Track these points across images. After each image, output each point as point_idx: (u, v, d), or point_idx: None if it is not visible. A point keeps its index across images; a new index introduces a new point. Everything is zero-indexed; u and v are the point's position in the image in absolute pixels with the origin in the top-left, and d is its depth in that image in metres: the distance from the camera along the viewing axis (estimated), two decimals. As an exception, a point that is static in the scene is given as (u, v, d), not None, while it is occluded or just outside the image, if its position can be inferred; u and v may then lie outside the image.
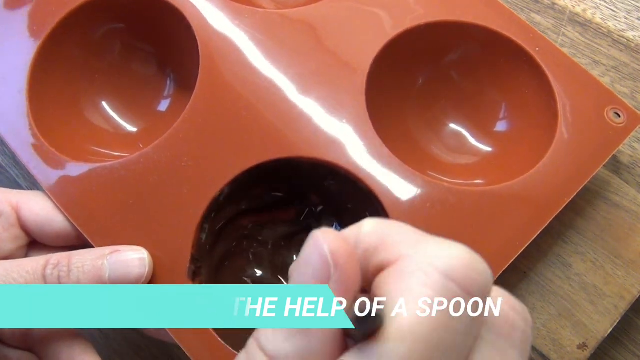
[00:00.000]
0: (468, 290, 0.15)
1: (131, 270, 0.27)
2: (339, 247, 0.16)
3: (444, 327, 0.15)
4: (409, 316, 0.15)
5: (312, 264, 0.16)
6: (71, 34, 0.34)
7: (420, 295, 0.15)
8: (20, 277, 0.26)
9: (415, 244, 0.16)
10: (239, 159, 0.30)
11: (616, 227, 0.33)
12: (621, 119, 0.32)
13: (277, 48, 0.33)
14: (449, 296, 0.15)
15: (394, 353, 0.14)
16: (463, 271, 0.15)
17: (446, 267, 0.15)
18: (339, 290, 0.16)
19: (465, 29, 0.34)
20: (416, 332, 0.14)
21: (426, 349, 0.14)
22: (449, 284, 0.15)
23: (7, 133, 0.32)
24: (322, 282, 0.16)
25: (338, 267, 0.16)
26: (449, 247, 0.16)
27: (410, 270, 0.15)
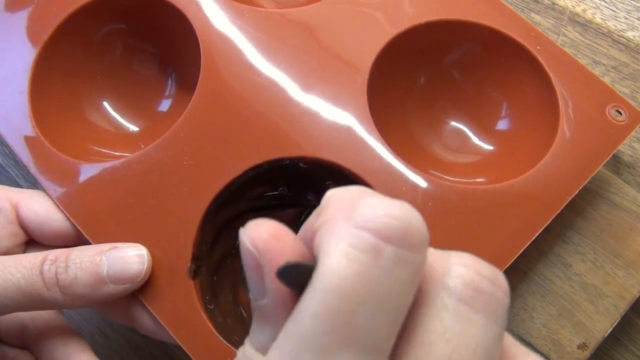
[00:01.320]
0: (384, 237, 0.14)
1: (129, 267, 0.27)
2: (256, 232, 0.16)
3: (357, 276, 0.14)
4: (320, 269, 0.14)
5: (243, 259, 0.16)
6: (72, 35, 0.35)
7: (333, 250, 0.14)
8: (17, 271, 0.26)
9: (342, 204, 0.16)
10: (239, 159, 0.30)
11: (616, 227, 0.33)
12: (623, 116, 0.32)
13: (278, 47, 0.33)
14: (361, 245, 0.14)
15: (309, 307, 0.14)
16: (376, 219, 0.14)
17: (359, 218, 0.15)
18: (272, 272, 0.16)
19: (466, 28, 0.34)
20: (328, 284, 0.14)
21: (340, 300, 0.14)
22: (360, 232, 0.14)
23: (8, 133, 0.32)
24: (256, 271, 0.16)
25: (260, 251, 0.16)
26: (370, 199, 0.15)
27: (328, 230, 0.15)
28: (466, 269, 0.16)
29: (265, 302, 0.16)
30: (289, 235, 0.16)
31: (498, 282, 0.16)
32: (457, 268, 0.16)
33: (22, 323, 0.29)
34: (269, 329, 0.16)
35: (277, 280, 0.15)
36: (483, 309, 0.15)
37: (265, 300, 0.16)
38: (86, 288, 0.26)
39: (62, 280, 0.26)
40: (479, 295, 0.16)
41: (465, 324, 0.15)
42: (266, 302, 0.16)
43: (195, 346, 0.27)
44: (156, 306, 0.28)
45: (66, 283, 0.26)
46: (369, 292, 0.14)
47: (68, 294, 0.26)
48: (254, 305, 0.17)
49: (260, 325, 0.17)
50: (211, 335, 0.27)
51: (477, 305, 0.15)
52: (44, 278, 0.26)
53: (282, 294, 0.16)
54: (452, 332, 0.15)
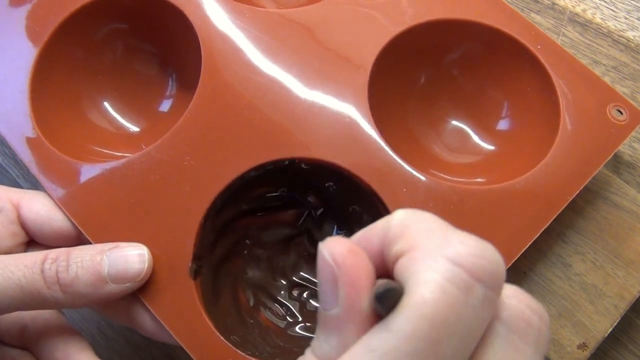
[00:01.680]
0: (476, 276, 0.15)
1: (130, 266, 0.27)
2: (335, 248, 0.17)
3: (450, 309, 0.15)
4: (415, 296, 0.15)
5: (320, 270, 0.17)
6: (73, 34, 0.34)
7: (428, 279, 0.15)
8: (18, 270, 0.26)
9: (430, 234, 0.17)
10: (240, 159, 0.30)
11: (616, 227, 0.33)
12: (623, 116, 0.32)
13: (279, 47, 0.33)
14: (456, 281, 0.15)
15: (401, 328, 0.15)
16: (470, 258, 0.16)
17: (454, 253, 0.16)
18: (347, 284, 0.17)
19: (466, 27, 0.34)
20: (422, 312, 0.15)
21: (431, 328, 0.15)
22: (456, 269, 0.15)
23: (9, 133, 0.32)
24: (331, 282, 0.17)
25: (339, 265, 0.17)
26: (460, 235, 0.16)
27: (420, 258, 0.16)
28: (517, 302, 0.17)
29: (335, 312, 0.17)
30: (363, 253, 0.17)
31: (544, 317, 0.17)
32: (510, 301, 0.17)
33: (22, 323, 0.29)
34: (335, 339, 0.17)
35: (349, 294, 0.17)
36: (531, 341, 0.17)
37: (335, 310, 0.17)
38: (87, 287, 0.26)
39: (63, 279, 0.26)
40: (528, 327, 0.17)
41: (515, 352, 0.16)
42: (336, 312, 0.17)
43: (196, 346, 0.27)
44: (156, 306, 0.28)
45: (67, 282, 0.26)
46: (458, 325, 0.15)
47: (69, 293, 0.26)
48: (322, 315, 0.18)
49: (326, 335, 0.17)
50: (212, 335, 0.27)
51: (526, 336, 0.17)
52: (44, 277, 0.26)
53: (354, 306, 0.17)
54: (503, 357, 0.16)
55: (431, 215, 0.18)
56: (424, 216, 0.18)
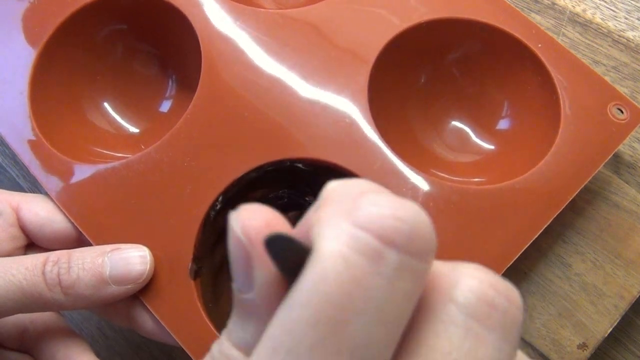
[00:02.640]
0: (387, 241, 0.13)
1: (132, 267, 0.27)
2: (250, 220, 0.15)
3: (355, 282, 0.13)
4: (314, 271, 0.13)
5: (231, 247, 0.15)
6: (73, 35, 0.34)
7: (329, 249, 0.13)
8: (18, 272, 0.26)
9: (344, 198, 0.14)
10: (240, 160, 0.30)
11: (616, 227, 0.33)
12: (624, 115, 0.32)
13: (279, 48, 0.33)
14: (362, 248, 0.13)
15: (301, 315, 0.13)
16: (380, 220, 0.13)
17: (361, 217, 0.13)
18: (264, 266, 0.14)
19: (467, 26, 0.34)
20: (322, 290, 0.13)
21: (334, 309, 0.13)
22: (361, 234, 0.13)
23: (9, 134, 0.32)
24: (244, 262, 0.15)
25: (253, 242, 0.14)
26: (376, 197, 0.14)
27: (325, 225, 0.13)
28: (478, 282, 0.14)
29: (250, 296, 0.15)
30: (284, 226, 0.15)
31: (512, 297, 0.15)
32: (469, 280, 0.14)
33: (22, 326, 0.29)
34: (252, 326, 0.15)
35: (266, 274, 0.14)
36: (496, 327, 0.14)
37: (250, 295, 0.15)
38: (88, 289, 0.26)
39: (65, 281, 0.26)
40: (493, 311, 0.14)
41: (476, 343, 0.14)
42: (252, 297, 0.15)
43: (196, 347, 0.27)
44: (157, 306, 0.28)
45: (68, 284, 0.26)
46: (367, 301, 0.13)
47: (70, 295, 0.26)
48: (237, 298, 0.15)
49: (242, 320, 0.15)
50: (212, 336, 0.27)
51: (489, 322, 0.14)
52: (45, 279, 0.26)
53: (271, 289, 0.14)
54: (460, 350, 0.14)
55: (361, 181, 0.15)
56: (350, 183, 0.15)
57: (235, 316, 0.16)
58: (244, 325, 0.15)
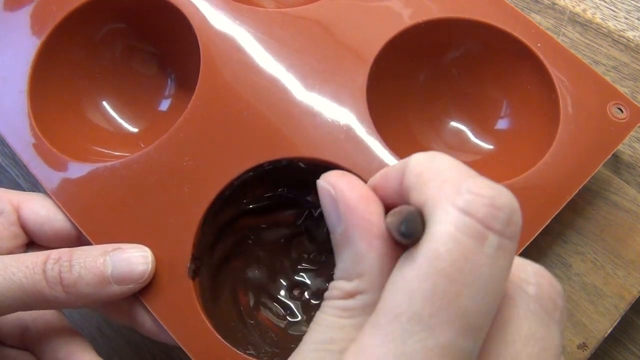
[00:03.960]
0: (488, 225, 0.15)
1: (134, 267, 0.27)
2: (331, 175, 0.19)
3: (465, 259, 0.15)
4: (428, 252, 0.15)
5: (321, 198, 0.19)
6: (72, 34, 0.34)
7: (440, 232, 0.15)
8: (19, 271, 0.26)
9: (443, 183, 0.16)
10: (239, 159, 0.30)
11: (616, 227, 0.33)
12: (624, 114, 0.32)
13: (278, 47, 0.33)
14: (468, 231, 0.15)
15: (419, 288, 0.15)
16: (481, 207, 0.15)
17: (465, 203, 0.15)
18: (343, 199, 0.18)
19: (466, 26, 0.34)
20: (438, 266, 0.15)
21: (449, 282, 0.15)
22: (467, 219, 0.15)
23: (8, 133, 0.32)
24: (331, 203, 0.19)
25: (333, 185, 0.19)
26: (473, 183, 0.16)
27: (432, 210, 0.16)
28: (545, 281, 0.18)
29: (340, 229, 0.18)
30: (355, 177, 0.19)
31: (564, 297, 0.18)
32: (540, 279, 0.18)
33: (23, 324, 0.29)
34: (345, 253, 0.18)
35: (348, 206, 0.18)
36: (557, 321, 0.17)
37: (340, 228, 0.18)
38: (90, 288, 0.26)
39: (66, 279, 0.26)
40: (556, 308, 0.18)
41: (548, 330, 0.17)
42: (341, 229, 0.18)
43: (195, 346, 0.27)
44: (156, 306, 0.28)
45: (70, 282, 0.26)
46: (475, 275, 0.15)
47: (71, 293, 0.26)
48: (333, 239, 0.19)
49: (340, 254, 0.19)
50: (211, 336, 0.27)
51: (554, 315, 0.17)
52: (46, 277, 0.26)
53: (354, 214, 0.18)
54: (539, 335, 0.17)
55: (449, 160, 0.18)
56: (440, 162, 0.17)
57: (336, 255, 0.19)
58: (341, 258, 0.19)
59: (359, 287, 0.18)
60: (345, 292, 0.18)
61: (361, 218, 0.18)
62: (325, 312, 0.18)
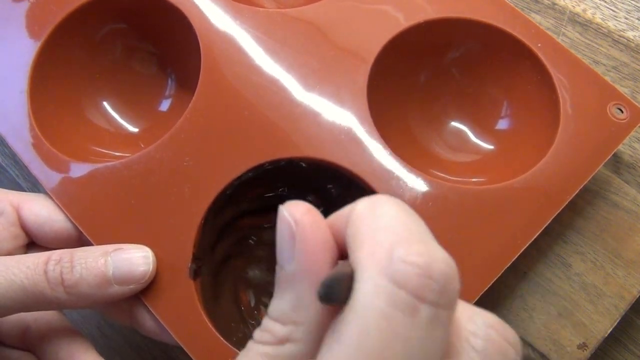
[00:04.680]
0: (421, 297, 0.15)
1: (135, 268, 0.27)
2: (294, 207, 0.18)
3: (395, 336, 0.14)
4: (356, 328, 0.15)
5: (279, 229, 0.18)
6: (72, 34, 0.34)
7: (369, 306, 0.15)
8: (20, 272, 0.26)
9: (374, 246, 0.16)
10: (240, 159, 0.30)
11: (616, 227, 0.33)
12: (624, 114, 0.32)
13: (279, 47, 0.33)
14: (399, 304, 0.14)
15: None
16: (414, 278, 0.15)
17: (396, 273, 0.15)
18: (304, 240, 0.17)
19: (466, 26, 0.34)
20: (366, 345, 0.14)
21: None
22: (398, 291, 0.15)
23: (8, 133, 0.32)
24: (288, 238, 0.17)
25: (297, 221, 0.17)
26: (406, 247, 0.15)
27: (363, 275, 0.15)
28: (496, 334, 0.17)
29: (291, 267, 0.17)
30: (320, 216, 0.18)
31: (519, 349, 0.17)
32: (488, 331, 0.17)
33: (24, 324, 0.29)
34: (289, 294, 0.17)
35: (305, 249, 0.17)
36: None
37: (291, 266, 0.17)
38: (91, 288, 0.26)
39: (68, 280, 0.26)
40: None
41: None
42: (292, 268, 0.17)
43: (196, 346, 0.27)
44: (156, 306, 0.28)
45: (71, 283, 0.26)
46: (407, 351, 0.14)
47: (72, 294, 0.26)
48: (279, 274, 0.18)
49: (282, 292, 0.18)
50: (212, 336, 0.27)
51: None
52: (48, 278, 0.26)
53: (309, 261, 0.17)
54: None
55: (392, 213, 0.17)
56: (380, 218, 0.17)
57: (275, 294, 0.18)
58: (282, 296, 0.18)
59: (292, 335, 0.17)
60: (277, 337, 0.17)
61: (315, 266, 0.17)
62: (249, 356, 0.18)
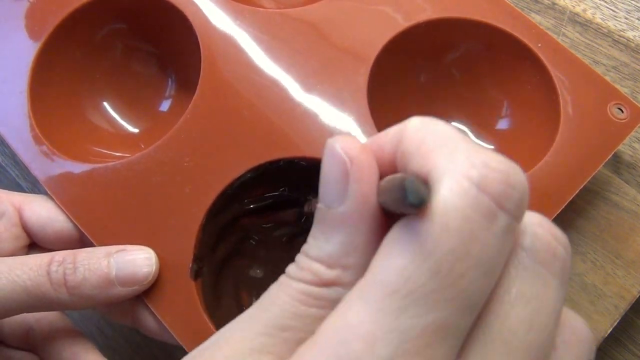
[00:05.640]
0: (501, 204, 0.14)
1: (139, 269, 0.27)
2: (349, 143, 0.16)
3: (474, 239, 0.14)
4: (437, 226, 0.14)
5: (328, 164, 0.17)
6: (72, 34, 0.34)
7: (451, 206, 0.14)
8: (23, 273, 0.26)
9: (451, 151, 0.15)
10: (240, 159, 0.30)
11: (616, 227, 0.33)
12: (624, 114, 0.32)
13: (279, 47, 0.33)
14: (481, 209, 0.14)
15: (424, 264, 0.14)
16: (496, 184, 0.14)
17: (479, 178, 0.14)
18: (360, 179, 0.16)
19: (466, 26, 0.34)
20: (446, 243, 0.14)
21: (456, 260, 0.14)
22: (481, 195, 0.14)
23: (8, 133, 0.32)
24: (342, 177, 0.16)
25: (352, 158, 0.16)
26: (484, 155, 0.15)
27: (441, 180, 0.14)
28: (543, 231, 0.16)
29: (342, 208, 0.16)
30: (372, 153, 0.17)
31: (568, 248, 0.16)
32: (536, 229, 0.16)
33: (27, 325, 0.29)
34: (339, 237, 0.16)
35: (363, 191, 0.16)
36: (557, 273, 0.16)
37: (343, 207, 0.16)
38: (94, 290, 0.26)
39: (71, 282, 0.26)
40: (555, 259, 0.16)
41: (543, 286, 0.16)
42: (344, 209, 0.16)
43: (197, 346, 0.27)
44: (158, 306, 0.28)
45: (74, 284, 0.26)
46: (482, 256, 0.14)
47: (75, 295, 0.26)
48: (325, 214, 0.17)
49: (328, 234, 0.17)
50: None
51: (553, 268, 0.16)
52: (50, 279, 0.26)
53: (365, 202, 0.16)
54: (532, 292, 0.15)
55: (448, 127, 0.16)
56: (441, 128, 0.16)
57: (317, 232, 0.17)
58: (327, 239, 0.17)
59: (340, 279, 0.16)
60: (321, 279, 0.16)
61: (371, 209, 0.16)
62: (286, 293, 0.17)
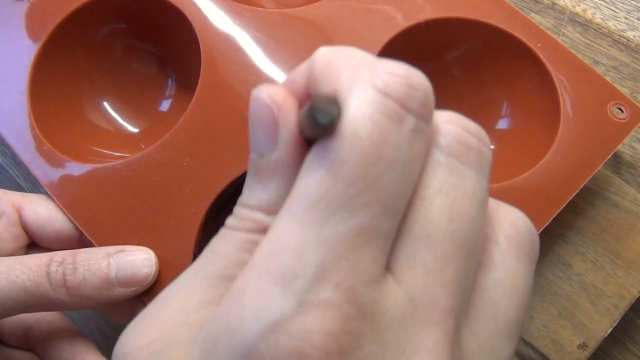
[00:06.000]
0: (406, 106, 0.15)
1: (138, 270, 0.27)
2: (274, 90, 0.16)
3: (385, 142, 0.15)
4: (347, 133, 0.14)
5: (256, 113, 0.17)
6: (72, 34, 0.34)
7: (359, 114, 0.15)
8: (22, 273, 0.26)
9: (355, 67, 0.16)
10: (240, 159, 0.30)
11: (616, 227, 0.33)
12: (624, 114, 0.32)
13: (279, 47, 0.33)
14: (387, 112, 0.15)
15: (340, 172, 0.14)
16: (399, 87, 0.15)
17: (382, 84, 0.15)
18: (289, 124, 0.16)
19: (466, 26, 0.34)
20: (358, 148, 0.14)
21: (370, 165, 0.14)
22: (385, 100, 0.15)
23: (8, 133, 0.32)
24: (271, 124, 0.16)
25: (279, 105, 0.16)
26: (387, 65, 0.15)
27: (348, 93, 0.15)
28: (454, 126, 0.17)
29: (275, 156, 0.16)
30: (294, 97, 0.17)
31: (483, 138, 0.17)
32: (446, 126, 0.17)
33: (26, 324, 0.29)
34: (274, 184, 0.17)
35: (292, 133, 0.16)
36: (473, 163, 0.16)
37: (274, 155, 0.16)
38: (94, 290, 0.26)
39: (70, 282, 0.26)
40: (468, 150, 0.16)
41: (459, 178, 0.16)
42: (277, 156, 0.16)
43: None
44: (157, 307, 0.28)
45: (74, 285, 0.26)
46: (395, 158, 0.15)
47: (75, 296, 0.26)
48: (256, 163, 0.17)
49: (262, 184, 0.17)
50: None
51: (467, 159, 0.16)
52: (50, 279, 0.26)
53: (295, 147, 0.16)
54: (449, 185, 0.16)
55: (353, 48, 0.17)
56: (346, 49, 0.17)
57: (253, 182, 0.17)
58: (264, 187, 0.17)
59: None
60: (263, 225, 0.17)
61: (304, 150, 0.16)
62: (229, 244, 0.17)
